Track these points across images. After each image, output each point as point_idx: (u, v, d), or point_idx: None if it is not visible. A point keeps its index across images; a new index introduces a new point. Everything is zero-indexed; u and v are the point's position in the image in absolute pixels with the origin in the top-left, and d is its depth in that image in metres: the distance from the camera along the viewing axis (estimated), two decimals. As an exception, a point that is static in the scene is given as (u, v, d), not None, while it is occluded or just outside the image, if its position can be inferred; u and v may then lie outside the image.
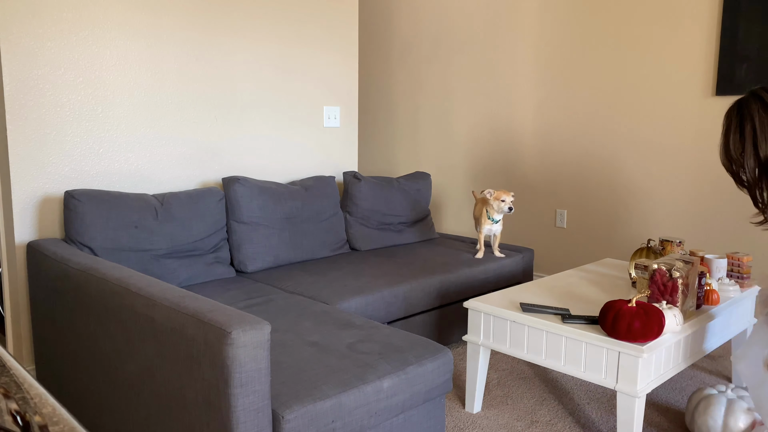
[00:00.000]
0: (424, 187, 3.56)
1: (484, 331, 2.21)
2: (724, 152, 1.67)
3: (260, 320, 1.48)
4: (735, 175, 1.66)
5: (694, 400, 2.09)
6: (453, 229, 4.49)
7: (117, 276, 1.83)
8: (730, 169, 1.67)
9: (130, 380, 1.75)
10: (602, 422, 2.23)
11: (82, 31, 2.47)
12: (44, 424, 0.55)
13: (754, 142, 1.60)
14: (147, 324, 1.64)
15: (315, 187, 3.09)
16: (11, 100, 2.33)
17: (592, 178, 3.71)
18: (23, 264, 2.43)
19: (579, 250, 3.82)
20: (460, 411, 2.31)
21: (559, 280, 2.56)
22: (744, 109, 1.64)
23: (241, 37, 2.99)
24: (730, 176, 1.71)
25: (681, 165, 3.34)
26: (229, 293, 2.42)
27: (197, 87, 2.86)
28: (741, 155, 1.63)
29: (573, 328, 1.95)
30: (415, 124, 4.65)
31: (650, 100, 3.42)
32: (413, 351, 1.81)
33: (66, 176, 2.49)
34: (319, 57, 3.36)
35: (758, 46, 2.99)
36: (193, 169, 2.89)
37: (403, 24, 4.63)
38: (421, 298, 2.68)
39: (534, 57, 3.89)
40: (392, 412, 1.69)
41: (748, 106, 1.63)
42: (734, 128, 1.65)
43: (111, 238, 2.37)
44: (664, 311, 1.90)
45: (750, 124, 1.61)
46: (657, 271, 2.01)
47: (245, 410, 1.43)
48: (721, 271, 2.41)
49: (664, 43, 3.33)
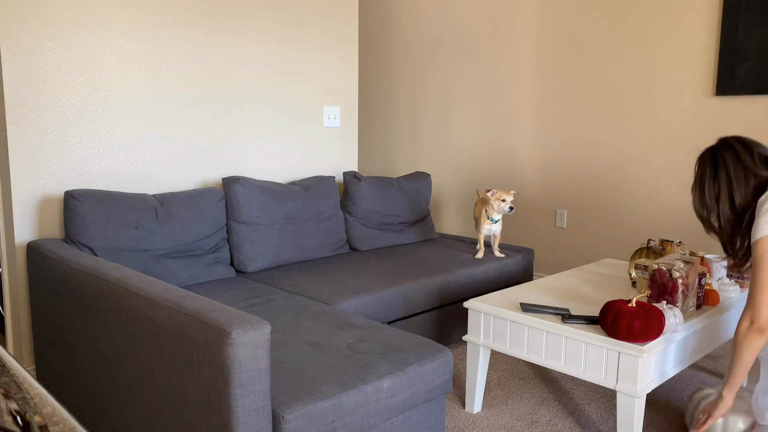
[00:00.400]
0: (424, 187, 3.56)
1: (484, 331, 2.21)
2: (699, 198, 1.71)
3: (260, 320, 1.48)
4: (706, 221, 1.71)
5: (694, 400, 2.09)
6: (453, 229, 4.49)
7: (117, 276, 1.83)
8: (702, 216, 1.71)
9: (130, 380, 1.75)
10: (602, 422, 2.23)
11: (82, 31, 2.47)
12: (44, 424, 0.55)
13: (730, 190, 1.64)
14: (147, 324, 1.64)
15: (315, 187, 3.09)
16: (11, 100, 2.33)
17: (592, 178, 3.71)
18: (23, 264, 2.43)
19: (579, 250, 3.82)
20: (460, 411, 2.31)
21: (559, 280, 2.56)
22: (718, 158, 1.68)
23: (241, 37, 2.99)
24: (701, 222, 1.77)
25: (681, 165, 3.34)
26: (229, 293, 2.42)
27: (197, 87, 2.86)
28: (716, 202, 1.67)
29: (573, 328, 1.95)
30: (415, 123, 4.65)
31: (650, 100, 3.42)
32: (413, 351, 1.81)
33: (66, 176, 2.49)
34: (319, 57, 3.36)
35: (758, 46, 2.99)
36: (193, 169, 2.89)
37: (403, 24, 4.63)
38: (421, 298, 2.68)
39: (534, 56, 3.89)
40: (392, 412, 1.69)
41: (722, 155, 1.68)
42: (709, 175, 1.69)
43: (111, 238, 2.37)
44: (664, 311, 1.90)
45: (724, 172, 1.66)
46: (657, 271, 2.01)
47: (245, 410, 1.43)
48: (721, 271, 2.41)
49: (664, 44, 3.33)
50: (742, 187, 1.65)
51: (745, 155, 1.68)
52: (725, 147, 1.70)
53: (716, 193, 1.69)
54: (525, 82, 3.96)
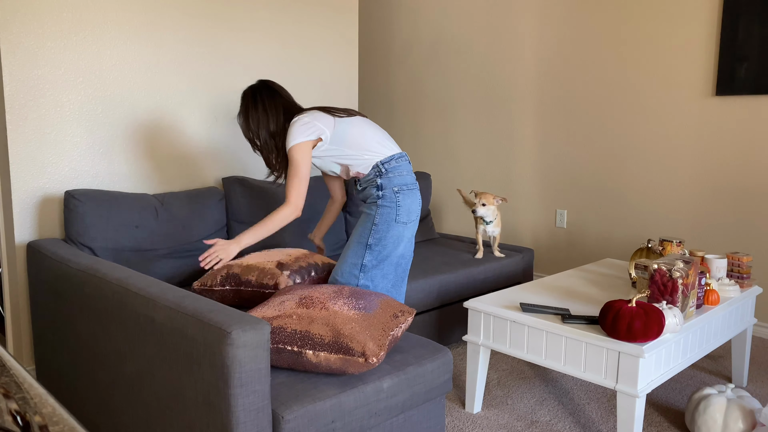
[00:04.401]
0: (424, 187, 3.56)
1: (484, 331, 2.21)
2: (245, 125, 2.17)
3: (260, 320, 1.48)
4: (252, 142, 2.18)
5: (694, 400, 2.10)
6: (453, 229, 4.49)
7: (117, 276, 1.83)
8: (249, 138, 2.18)
9: (130, 380, 1.75)
10: (602, 422, 2.23)
11: (82, 31, 2.47)
12: (44, 424, 0.55)
13: (267, 120, 2.15)
14: (147, 324, 1.65)
15: (315, 188, 3.09)
16: (11, 100, 2.33)
17: (592, 178, 3.71)
18: (23, 264, 2.43)
19: (579, 250, 3.82)
20: (460, 411, 2.31)
21: (559, 280, 2.56)
22: (257, 95, 2.17)
23: (241, 37, 2.99)
24: (248, 142, 2.29)
25: (681, 165, 3.34)
26: (229, 293, 2.42)
27: (197, 87, 2.86)
28: (257, 129, 2.15)
29: (573, 328, 1.95)
30: (415, 124, 4.65)
31: (650, 100, 3.42)
32: (413, 351, 1.81)
33: (66, 176, 2.50)
34: (319, 57, 3.36)
35: (758, 46, 2.99)
36: (193, 169, 2.89)
37: (403, 24, 4.63)
38: (421, 298, 2.68)
39: (534, 57, 3.89)
40: (392, 413, 1.69)
41: (261, 93, 2.17)
42: (252, 108, 2.16)
43: (111, 238, 2.37)
44: (664, 311, 1.90)
45: (262, 105, 2.15)
46: (657, 271, 2.01)
47: (245, 410, 1.43)
48: (721, 271, 2.41)
49: (664, 43, 3.33)
50: (275, 117, 2.15)
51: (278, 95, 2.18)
52: (264, 87, 2.19)
53: (257, 122, 2.15)
54: (525, 82, 3.96)
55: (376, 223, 2.09)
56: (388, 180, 2.11)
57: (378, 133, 2.16)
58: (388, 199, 2.10)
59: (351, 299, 1.75)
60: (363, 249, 2.10)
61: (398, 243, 2.12)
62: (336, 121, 2.12)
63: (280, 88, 2.23)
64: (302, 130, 2.08)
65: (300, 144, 2.07)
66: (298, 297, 1.75)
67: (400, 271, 2.18)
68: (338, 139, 2.11)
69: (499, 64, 4.07)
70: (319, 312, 1.67)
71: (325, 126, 2.10)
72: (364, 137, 2.12)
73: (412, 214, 2.13)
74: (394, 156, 2.14)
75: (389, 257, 2.11)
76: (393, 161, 2.13)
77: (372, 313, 1.72)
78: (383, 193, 2.10)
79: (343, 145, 2.11)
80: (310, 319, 1.65)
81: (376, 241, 2.09)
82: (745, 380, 2.56)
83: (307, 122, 2.09)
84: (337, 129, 2.11)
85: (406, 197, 2.12)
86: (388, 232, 2.09)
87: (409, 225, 2.14)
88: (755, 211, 3.11)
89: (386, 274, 2.13)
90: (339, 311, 1.68)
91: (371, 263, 2.10)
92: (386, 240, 2.09)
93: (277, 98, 2.19)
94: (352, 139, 2.11)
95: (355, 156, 2.11)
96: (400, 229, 2.11)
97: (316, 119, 2.11)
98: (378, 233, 2.09)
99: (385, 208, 2.09)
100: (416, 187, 2.17)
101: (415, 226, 2.17)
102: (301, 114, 2.15)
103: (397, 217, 2.10)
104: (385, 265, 2.12)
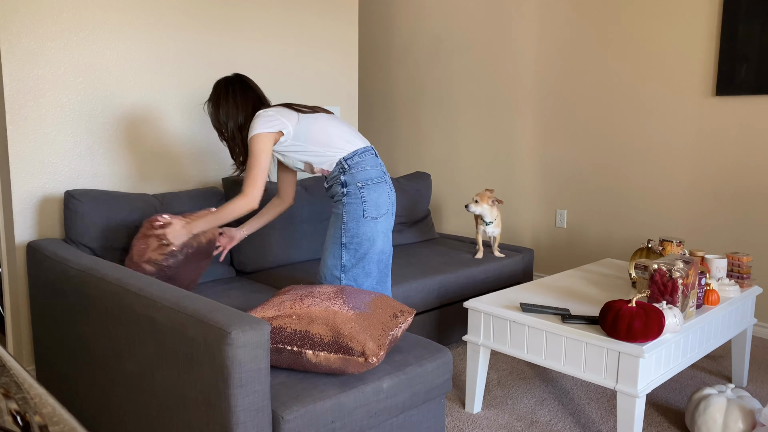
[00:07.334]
0: (424, 187, 3.56)
1: (484, 331, 2.21)
2: (215, 115, 2.20)
3: (260, 320, 1.48)
4: (219, 132, 2.21)
5: (694, 400, 2.10)
6: (453, 229, 4.49)
7: (117, 276, 1.83)
8: (217, 128, 2.22)
9: (130, 380, 1.75)
10: (602, 422, 2.23)
11: (82, 31, 2.47)
12: (44, 424, 0.55)
13: (236, 112, 2.18)
14: (147, 324, 1.65)
15: (315, 187, 3.09)
16: (11, 100, 2.33)
17: (592, 178, 3.71)
18: (23, 264, 2.43)
19: (579, 250, 3.82)
20: (460, 411, 2.31)
21: (559, 280, 2.56)
22: (230, 86, 2.20)
23: (241, 37, 2.99)
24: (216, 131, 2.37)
25: (681, 165, 3.34)
26: (229, 293, 2.42)
27: (197, 87, 2.86)
28: (226, 120, 2.19)
29: (573, 328, 1.95)
30: (415, 124, 4.65)
31: (650, 100, 3.42)
32: (413, 351, 1.81)
33: (66, 176, 2.50)
34: (319, 57, 3.36)
35: (758, 46, 2.99)
36: (193, 169, 2.89)
37: (403, 24, 4.63)
38: (421, 298, 2.68)
39: (534, 56, 3.89)
40: (392, 413, 1.69)
41: (233, 85, 2.20)
42: (224, 99, 2.19)
43: (111, 238, 2.37)
44: (664, 311, 1.90)
45: (233, 98, 2.18)
46: (657, 271, 2.01)
47: (245, 410, 1.43)
48: (721, 271, 2.41)
49: (664, 44, 3.33)
50: (244, 111, 2.18)
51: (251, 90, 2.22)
52: (237, 80, 2.22)
53: (226, 113, 2.19)
54: (525, 82, 3.96)
55: (344, 221, 2.09)
56: (351, 176, 2.09)
57: (343, 129, 2.16)
58: (353, 195, 2.08)
59: (351, 299, 1.75)
60: (339, 249, 2.10)
61: (374, 239, 2.10)
62: (300, 117, 2.13)
63: (254, 84, 2.25)
64: (264, 122, 2.09)
65: (260, 134, 2.07)
66: (297, 297, 1.75)
67: (383, 267, 2.17)
68: (301, 135, 2.11)
69: (499, 64, 4.07)
70: (319, 312, 1.67)
71: (288, 121, 2.11)
72: (326, 133, 2.12)
73: (381, 208, 2.11)
74: (358, 151, 2.12)
75: (368, 254, 2.10)
76: (356, 156, 2.11)
77: (372, 313, 1.72)
78: (347, 190, 2.09)
79: (305, 141, 2.11)
80: (309, 318, 1.65)
81: (350, 239, 2.08)
82: (745, 380, 2.56)
83: (270, 115, 2.10)
84: (300, 125, 2.12)
85: (371, 192, 2.10)
86: (359, 229, 2.08)
87: (381, 219, 2.12)
88: (755, 211, 3.11)
89: (369, 272, 2.13)
90: (339, 311, 1.68)
91: (350, 262, 2.09)
92: (359, 237, 2.08)
93: (250, 93, 2.21)
94: (315, 136, 2.11)
95: (318, 152, 2.11)
96: (371, 225, 2.10)
97: (280, 114, 2.11)
98: (349, 231, 2.09)
99: (351, 205, 2.08)
100: (383, 180, 2.14)
101: (389, 219, 2.16)
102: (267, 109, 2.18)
103: (365, 212, 2.09)
104: (366, 263, 2.11)
